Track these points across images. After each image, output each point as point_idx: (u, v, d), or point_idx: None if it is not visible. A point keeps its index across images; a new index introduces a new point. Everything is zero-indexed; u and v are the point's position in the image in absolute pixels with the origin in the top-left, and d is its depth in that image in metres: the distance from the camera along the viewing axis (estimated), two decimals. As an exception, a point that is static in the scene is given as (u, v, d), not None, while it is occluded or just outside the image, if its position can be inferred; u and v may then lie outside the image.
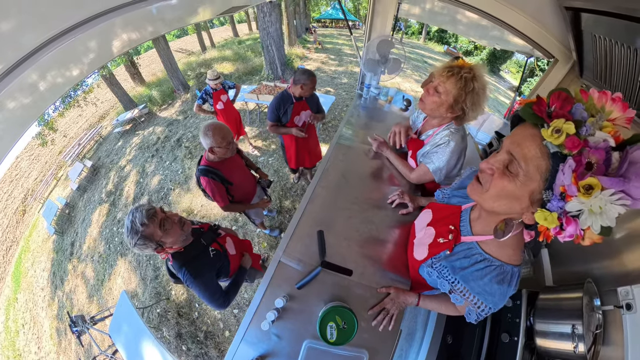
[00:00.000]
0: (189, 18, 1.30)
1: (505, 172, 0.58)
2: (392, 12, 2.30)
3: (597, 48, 1.44)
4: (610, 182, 0.45)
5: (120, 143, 7.58)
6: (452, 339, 1.51)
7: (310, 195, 1.36)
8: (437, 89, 1.15)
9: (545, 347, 1.18)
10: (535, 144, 0.54)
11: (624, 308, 1.05)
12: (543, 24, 1.82)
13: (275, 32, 7.61)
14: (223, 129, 1.63)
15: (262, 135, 5.44)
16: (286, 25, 10.43)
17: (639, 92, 1.20)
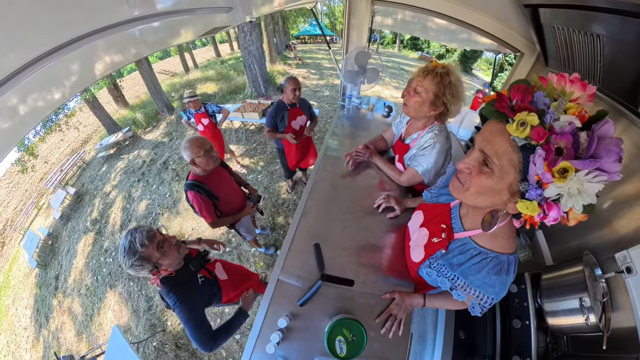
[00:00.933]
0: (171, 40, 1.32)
1: (481, 169, 0.60)
2: (366, 25, 2.40)
3: (558, 38, 1.56)
4: (583, 164, 0.46)
5: (105, 168, 7.38)
6: (465, 334, 1.50)
7: (302, 209, 1.35)
8: (416, 89, 1.21)
9: (558, 325, 1.19)
10: (504, 139, 0.55)
11: (625, 272, 1.09)
12: (506, 22, 1.96)
13: (256, 51, 7.80)
14: (198, 139, 1.68)
15: (249, 153, 5.45)
16: (267, 43, 10.68)
17: (600, 72, 1.30)
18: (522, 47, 2.06)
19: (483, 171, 0.60)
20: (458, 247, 0.81)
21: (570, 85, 0.52)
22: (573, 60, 1.51)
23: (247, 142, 5.83)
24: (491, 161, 0.57)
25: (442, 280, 0.85)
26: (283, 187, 4.42)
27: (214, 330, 1.38)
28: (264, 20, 9.75)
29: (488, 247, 0.74)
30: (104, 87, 11.64)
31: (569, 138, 0.47)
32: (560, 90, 0.52)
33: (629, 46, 1.08)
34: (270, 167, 4.98)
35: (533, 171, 0.51)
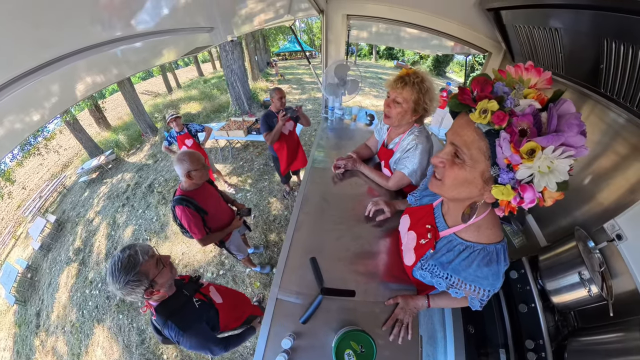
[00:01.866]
0: (154, 60, 1.33)
1: (454, 161, 0.62)
2: (343, 39, 2.48)
3: (520, 35, 1.69)
4: (547, 139, 0.47)
5: (87, 193, 7.01)
6: (474, 328, 1.50)
7: (294, 223, 1.34)
8: (396, 100, 1.25)
9: (563, 302, 1.21)
10: (471, 128, 0.57)
11: (616, 239, 1.14)
12: (472, 26, 2.10)
13: (238, 69, 7.88)
14: (195, 153, 1.72)
15: (237, 172, 5.37)
16: (248, 61, 10.82)
17: (563, 62, 1.43)
18: (489, 47, 2.21)
19: (455, 162, 0.62)
20: (445, 245, 0.81)
21: (527, 73, 0.55)
22: (537, 54, 1.64)
23: (234, 160, 5.76)
24: (461, 152, 0.59)
25: (437, 281, 0.85)
26: (273, 203, 4.37)
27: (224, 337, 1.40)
28: (245, 39, 9.90)
29: (474, 240, 0.74)
30: (85, 109, 11.22)
31: (529, 119, 0.49)
32: (518, 79, 0.55)
33: (584, 35, 1.20)
34: (258, 184, 4.92)
35: (501, 154, 0.52)
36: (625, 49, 1.03)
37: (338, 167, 1.63)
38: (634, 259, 1.09)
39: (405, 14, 2.21)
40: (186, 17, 1.15)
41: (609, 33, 1.07)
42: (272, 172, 5.19)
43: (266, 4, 1.65)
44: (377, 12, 2.27)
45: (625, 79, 1.11)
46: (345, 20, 2.38)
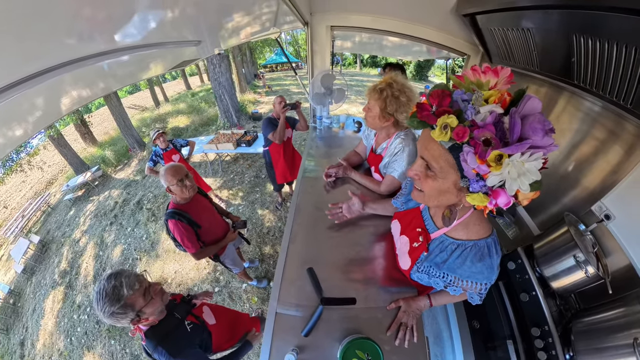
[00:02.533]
0: (141, 73, 1.31)
1: (426, 173, 0.64)
2: (328, 49, 2.55)
3: (496, 37, 1.79)
4: (511, 149, 0.46)
5: (73, 212, 6.72)
6: (479, 322, 1.52)
7: (289, 235, 1.32)
8: (368, 106, 1.33)
9: (562, 286, 1.24)
10: (436, 143, 0.57)
11: (605, 220, 1.19)
12: (450, 32, 2.20)
13: (226, 82, 7.90)
14: (173, 167, 1.67)
15: (227, 185, 5.31)
16: (236, 74, 10.89)
17: (537, 59, 1.52)
18: (468, 50, 2.32)
19: (428, 175, 0.63)
20: (437, 246, 0.82)
21: (484, 75, 0.53)
22: (512, 53, 1.74)
23: (224, 173, 5.69)
24: (431, 165, 0.61)
25: (434, 281, 0.85)
26: (266, 215, 4.31)
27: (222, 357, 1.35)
28: (231, 52, 9.99)
29: (464, 238, 0.75)
30: (70, 124, 10.83)
31: (491, 129, 0.47)
32: (477, 83, 0.53)
33: (554, 32, 1.29)
34: (250, 197, 4.85)
35: (467, 167, 0.52)
36: (593, 42, 1.11)
37: (329, 175, 1.63)
38: (625, 236, 1.14)
39: (387, 23, 2.29)
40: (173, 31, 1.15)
41: (576, 29, 1.15)
42: (264, 183, 5.15)
43: (252, 17, 1.67)
44: (360, 23, 2.34)
45: (595, 70, 1.19)
46: (330, 32, 2.45)
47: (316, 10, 2.28)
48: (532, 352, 1.22)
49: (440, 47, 2.34)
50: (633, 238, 1.10)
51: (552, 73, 1.51)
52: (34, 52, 0.53)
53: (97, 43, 0.70)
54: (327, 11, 2.28)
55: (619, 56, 1.04)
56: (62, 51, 0.61)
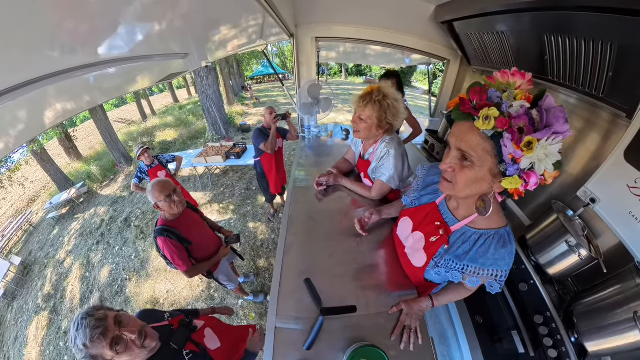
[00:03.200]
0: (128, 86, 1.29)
1: (462, 164, 0.67)
2: (314, 60, 2.60)
3: (473, 41, 1.91)
4: (541, 134, 0.55)
5: (57, 231, 6.34)
6: (482, 317, 1.52)
7: (283, 246, 1.29)
8: (361, 117, 1.33)
9: (559, 272, 1.28)
10: (475, 133, 0.63)
11: (591, 203, 1.25)
12: (430, 39, 2.31)
13: (214, 94, 7.88)
14: (160, 183, 1.61)
15: (218, 199, 5.19)
16: (223, 86, 10.88)
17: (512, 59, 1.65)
18: (447, 55, 2.44)
19: (464, 165, 0.67)
20: (459, 238, 0.83)
21: (512, 77, 0.62)
22: (489, 56, 1.87)
23: (214, 187, 5.56)
24: (469, 155, 0.65)
25: (452, 274, 0.85)
26: (259, 228, 4.23)
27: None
28: (219, 65, 9.98)
29: (486, 227, 0.78)
30: (54, 138, 10.30)
31: (524, 118, 0.56)
32: (506, 83, 0.62)
33: (527, 34, 1.40)
34: (241, 210, 4.75)
35: (506, 152, 0.59)
36: (563, 40, 1.20)
37: (320, 184, 1.62)
38: (611, 216, 1.20)
39: (370, 33, 2.36)
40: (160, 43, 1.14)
41: (547, 29, 1.25)
42: (255, 196, 5.08)
43: (239, 30, 1.69)
44: (344, 33, 2.41)
45: (567, 65, 1.29)
46: (315, 43, 2.50)
47: (301, 22, 2.33)
48: (537, 340, 1.24)
49: (421, 53, 2.45)
50: (619, 217, 1.16)
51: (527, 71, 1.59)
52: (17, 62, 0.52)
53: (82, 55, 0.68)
54: (312, 23, 2.34)
55: (588, 51, 1.13)
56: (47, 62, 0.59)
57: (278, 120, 2.88)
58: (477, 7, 1.50)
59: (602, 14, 0.95)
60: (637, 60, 0.99)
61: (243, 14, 1.42)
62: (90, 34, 0.64)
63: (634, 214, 1.12)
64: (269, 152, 3.04)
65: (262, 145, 2.99)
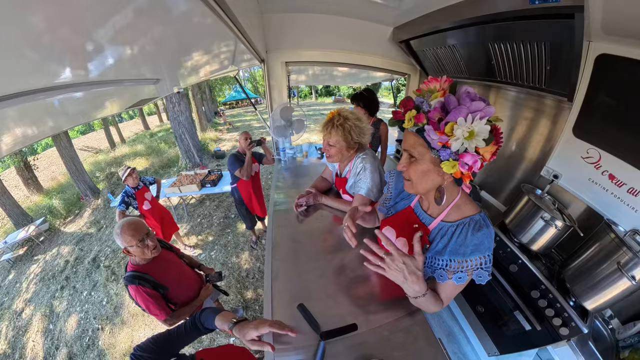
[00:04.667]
0: (95, 112, 1.20)
1: (410, 161, 0.78)
2: (284, 84, 2.67)
3: (429, 56, 2.13)
4: (452, 115, 0.62)
5: (12, 276, 5.36)
6: (483, 307, 1.58)
7: (270, 273, 1.22)
8: (329, 143, 1.38)
9: (542, 246, 1.37)
10: (411, 135, 0.75)
11: (555, 179, 1.44)
12: (391, 57, 2.50)
13: (186, 121, 7.61)
14: (132, 224, 1.40)
15: (195, 230, 4.81)
16: (196, 112, 10.63)
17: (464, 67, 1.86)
18: (408, 71, 2.65)
19: (412, 162, 0.77)
20: (437, 234, 0.85)
21: (430, 83, 0.73)
22: (444, 67, 2.09)
23: (190, 218, 5.16)
24: (412, 152, 0.76)
25: (438, 273, 0.84)
26: (242, 257, 3.96)
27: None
28: (191, 90, 9.76)
29: (460, 217, 0.81)
30: (11, 167, 9.20)
31: (438, 110, 0.66)
32: (429, 90, 0.72)
33: (474, 44, 1.61)
34: (222, 240, 4.42)
35: (433, 141, 0.67)
36: (505, 46, 1.40)
37: (300, 205, 1.59)
38: (574, 186, 1.39)
39: (336, 56, 2.50)
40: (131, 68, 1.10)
41: (491, 38, 1.45)
42: (234, 224, 4.82)
43: (211, 55, 1.70)
44: (312, 57, 2.52)
45: (511, 66, 1.50)
46: (285, 67, 2.57)
47: (271, 48, 2.40)
48: (540, 313, 1.29)
49: (384, 71, 2.64)
50: (581, 185, 1.35)
51: (479, 76, 1.84)
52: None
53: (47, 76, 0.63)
54: (281, 48, 2.42)
55: (527, 52, 1.33)
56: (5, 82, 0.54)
57: (253, 147, 2.82)
58: (429, 26, 1.69)
59: (532, 21, 1.14)
60: (567, 54, 1.18)
61: (215, 40, 1.43)
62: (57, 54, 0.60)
63: (592, 179, 1.32)
64: (244, 178, 2.95)
65: (238, 172, 2.91)
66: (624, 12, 0.98)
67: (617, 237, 1.10)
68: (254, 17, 1.84)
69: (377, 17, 2.12)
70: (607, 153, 1.26)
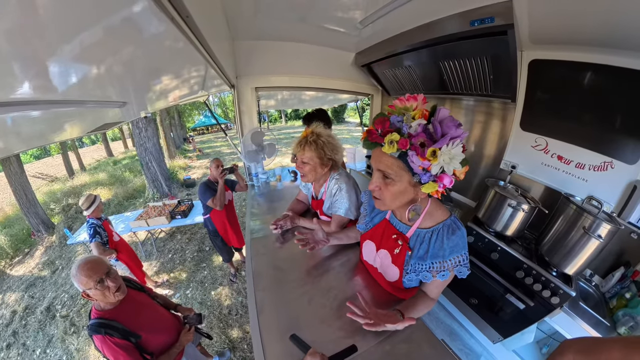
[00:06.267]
0: (53, 135, 1.05)
1: (385, 182, 0.76)
2: (254, 109, 2.64)
3: (388, 77, 2.33)
4: (440, 143, 0.64)
5: None
6: (475, 298, 1.65)
7: (255, 307, 1.11)
8: (303, 160, 1.35)
9: (515, 230, 1.51)
10: (387, 155, 0.72)
11: (513, 169, 1.65)
12: (355, 80, 2.66)
13: (153, 147, 7.03)
14: (88, 262, 1.21)
15: (167, 267, 4.17)
16: (164, 138, 9.97)
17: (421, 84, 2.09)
18: (371, 91, 2.83)
19: (387, 182, 0.75)
20: (416, 241, 0.87)
21: (407, 102, 0.71)
22: (403, 85, 2.32)
23: (160, 254, 4.48)
24: (388, 173, 0.73)
25: (423, 276, 0.87)
26: (222, 293, 3.53)
27: None
28: (159, 115, 9.05)
29: (434, 224, 0.84)
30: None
31: (422, 135, 0.65)
32: (404, 108, 0.70)
33: (427, 64, 1.80)
34: (197, 276, 3.88)
35: (415, 166, 0.67)
36: (454, 63, 1.60)
37: (275, 227, 1.52)
38: (531, 172, 1.60)
39: (303, 81, 2.58)
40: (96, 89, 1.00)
41: (441, 57, 1.64)
42: (210, 257, 4.33)
43: (181, 80, 1.65)
44: (281, 83, 2.56)
45: (461, 79, 1.71)
46: (255, 92, 2.57)
47: (241, 73, 2.40)
48: (529, 290, 1.39)
49: (348, 93, 2.80)
50: (536, 170, 1.54)
51: (434, 90, 2.08)
52: None
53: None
54: (251, 74, 2.42)
55: (472, 66, 1.54)
56: None
57: (226, 175, 2.68)
58: (387, 50, 1.87)
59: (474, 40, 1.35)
60: (505, 63, 1.40)
61: (186, 64, 1.39)
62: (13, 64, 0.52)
63: (544, 163, 1.55)
64: (217, 208, 2.73)
65: (210, 202, 2.69)
66: (545, 25, 1.22)
67: (577, 207, 1.27)
68: (225, 43, 1.85)
69: (340, 44, 2.25)
70: (551, 139, 1.51)
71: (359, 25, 1.68)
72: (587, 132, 1.40)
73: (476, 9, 1.22)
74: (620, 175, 1.31)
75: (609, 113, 1.31)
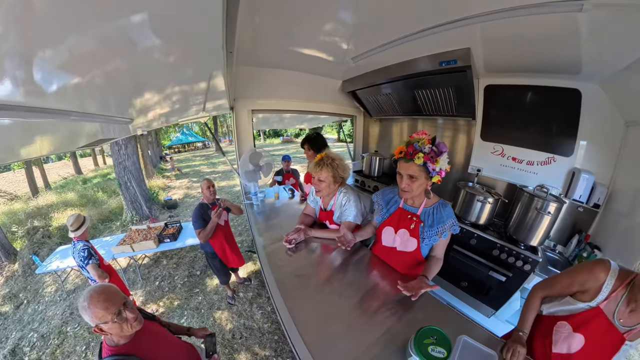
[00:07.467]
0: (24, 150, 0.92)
1: (412, 180, 1.18)
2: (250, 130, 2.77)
3: (370, 102, 2.74)
4: (439, 155, 1.14)
5: None
6: (465, 281, 1.92)
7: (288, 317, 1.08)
8: (320, 179, 1.56)
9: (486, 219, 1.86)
10: (414, 165, 1.15)
11: (479, 172, 2.07)
12: (340, 103, 2.97)
13: (133, 166, 6.32)
14: (104, 292, 0.98)
15: (155, 296, 3.65)
16: (141, 157, 8.97)
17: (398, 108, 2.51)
18: (354, 113, 3.22)
19: (413, 181, 1.18)
20: (426, 215, 1.28)
21: (419, 135, 1.18)
22: (383, 108, 2.73)
23: (146, 282, 3.90)
24: (415, 175, 1.17)
25: (433, 240, 1.26)
26: (221, 317, 3.15)
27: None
28: None
29: (432, 204, 1.28)
30: None
31: (432, 153, 1.13)
32: (418, 138, 1.17)
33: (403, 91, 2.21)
34: (191, 303, 3.43)
35: (432, 170, 1.14)
36: (426, 91, 2.01)
37: (289, 241, 1.58)
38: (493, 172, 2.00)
39: (295, 105, 2.76)
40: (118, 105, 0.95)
41: (415, 87, 2.04)
42: (202, 282, 3.89)
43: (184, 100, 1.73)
44: (275, 106, 2.69)
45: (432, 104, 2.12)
46: (251, 114, 2.67)
47: (239, 96, 2.50)
48: (506, 264, 1.70)
49: (335, 115, 3.14)
50: (497, 170, 1.95)
51: (409, 113, 2.51)
52: None
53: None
54: (248, 97, 2.53)
55: (440, 93, 1.95)
56: None
57: (221, 213, 2.49)
58: (370, 81, 2.29)
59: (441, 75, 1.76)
60: (466, 90, 1.81)
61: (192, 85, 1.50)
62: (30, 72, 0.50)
63: (502, 164, 1.95)
64: (201, 240, 2.56)
65: (199, 233, 2.53)
66: (495, 61, 1.66)
67: (529, 194, 1.66)
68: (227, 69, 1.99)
69: (329, 72, 2.49)
70: (506, 145, 1.95)
71: (351, 61, 1.97)
72: (532, 136, 1.81)
73: (443, 52, 1.61)
74: (562, 165, 1.74)
75: (547, 120, 1.74)
